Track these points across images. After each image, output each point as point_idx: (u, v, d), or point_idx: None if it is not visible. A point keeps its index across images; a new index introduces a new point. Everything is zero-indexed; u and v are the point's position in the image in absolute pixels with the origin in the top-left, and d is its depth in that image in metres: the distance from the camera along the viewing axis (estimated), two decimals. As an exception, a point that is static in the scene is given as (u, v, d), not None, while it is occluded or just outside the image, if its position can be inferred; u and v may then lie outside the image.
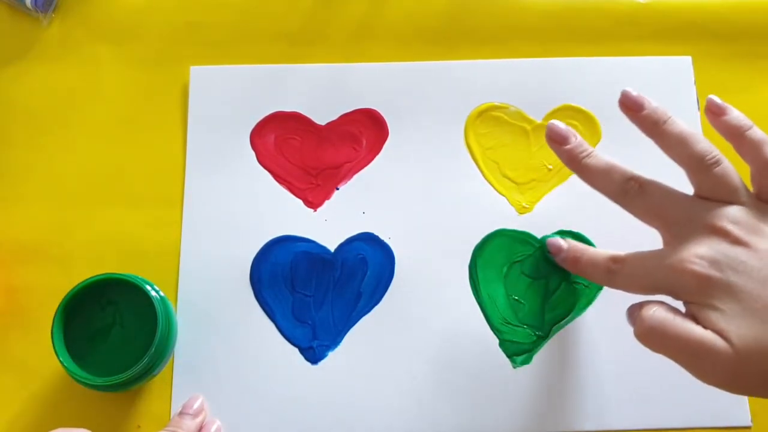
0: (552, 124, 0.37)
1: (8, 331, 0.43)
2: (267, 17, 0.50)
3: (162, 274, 0.44)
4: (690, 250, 0.32)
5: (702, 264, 0.32)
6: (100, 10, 0.50)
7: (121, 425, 0.42)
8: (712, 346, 0.30)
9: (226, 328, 0.43)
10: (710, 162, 0.34)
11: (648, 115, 0.36)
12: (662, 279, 0.33)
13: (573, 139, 0.37)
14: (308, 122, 0.47)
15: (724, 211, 0.33)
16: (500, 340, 0.43)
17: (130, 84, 0.48)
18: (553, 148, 0.37)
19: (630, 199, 0.35)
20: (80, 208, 0.46)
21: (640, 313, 0.33)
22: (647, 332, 0.32)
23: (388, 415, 0.42)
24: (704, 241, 0.33)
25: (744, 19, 0.49)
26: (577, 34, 0.49)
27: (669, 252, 0.33)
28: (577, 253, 0.39)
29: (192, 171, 0.46)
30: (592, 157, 0.36)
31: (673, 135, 0.35)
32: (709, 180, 0.34)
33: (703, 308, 0.32)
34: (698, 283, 0.32)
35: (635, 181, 0.35)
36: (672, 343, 0.32)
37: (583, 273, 0.39)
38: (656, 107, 0.36)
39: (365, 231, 0.45)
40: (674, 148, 0.35)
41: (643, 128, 0.36)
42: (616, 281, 0.36)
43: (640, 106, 0.36)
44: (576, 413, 0.41)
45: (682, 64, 0.48)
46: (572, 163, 0.37)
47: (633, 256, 0.35)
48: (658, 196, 0.35)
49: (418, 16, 0.50)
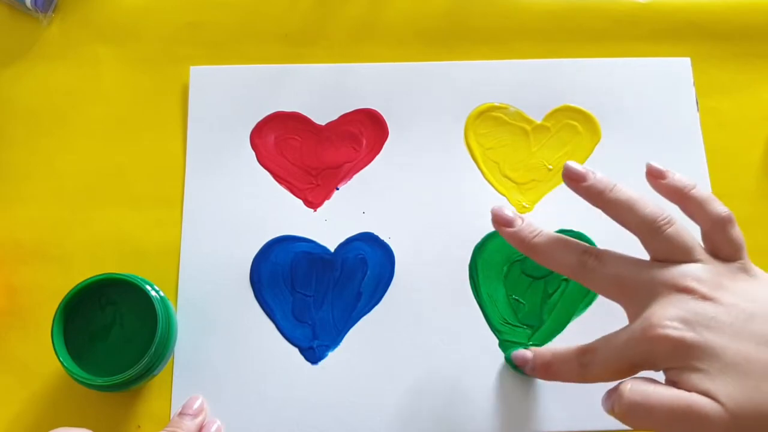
0: (496, 209, 0.36)
1: (8, 331, 0.43)
2: (267, 17, 0.50)
3: (162, 274, 0.44)
4: (658, 315, 0.31)
5: (674, 326, 0.30)
6: (100, 10, 0.50)
7: (121, 425, 0.42)
8: (702, 408, 0.29)
9: (226, 328, 0.43)
10: (662, 223, 0.33)
11: (591, 186, 0.35)
12: (637, 353, 0.31)
13: (519, 222, 0.36)
14: (308, 122, 0.47)
15: (685, 269, 0.32)
16: (500, 340, 0.43)
17: (130, 84, 0.48)
18: (499, 232, 0.36)
19: (588, 272, 0.34)
20: (80, 208, 0.46)
21: (617, 392, 0.31)
22: (630, 409, 0.30)
23: (388, 415, 0.42)
24: (670, 302, 0.31)
25: (743, 19, 0.49)
26: (577, 35, 0.49)
27: (637, 324, 0.32)
28: (546, 358, 0.36)
29: (192, 171, 0.46)
30: (540, 236, 0.35)
31: (620, 202, 0.34)
32: (663, 242, 0.33)
33: (683, 372, 0.30)
34: (674, 347, 0.30)
35: (591, 252, 0.34)
36: (659, 415, 0.30)
37: (557, 376, 0.36)
38: (600, 177, 0.35)
39: (365, 231, 0.45)
40: (623, 215, 0.34)
41: (589, 198, 0.35)
42: (592, 373, 0.33)
43: (582, 177, 0.35)
44: (576, 413, 0.41)
45: (681, 65, 0.48)
46: (521, 246, 0.35)
47: (601, 341, 0.33)
48: (615, 264, 0.34)
49: (418, 16, 0.50)
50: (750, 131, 0.47)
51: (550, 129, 0.47)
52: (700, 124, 0.47)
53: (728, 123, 0.47)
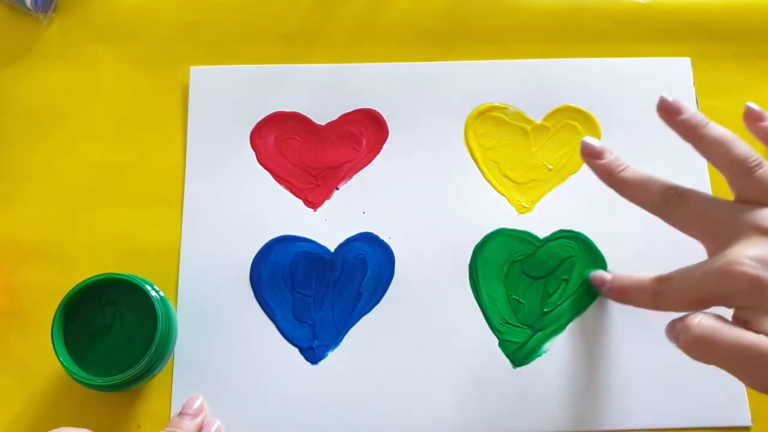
0: (586, 141, 0.37)
1: (8, 331, 0.43)
2: (267, 17, 0.50)
3: (162, 274, 0.44)
4: (739, 252, 0.31)
5: (753, 265, 0.30)
6: (100, 10, 0.50)
7: (121, 425, 0.42)
8: (766, 350, 0.29)
9: (226, 328, 0.43)
10: (752, 165, 0.33)
11: (686, 120, 0.35)
12: (712, 287, 0.32)
13: (608, 155, 0.36)
14: (308, 122, 0.47)
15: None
16: (500, 340, 0.43)
17: (130, 84, 0.48)
18: (589, 164, 0.37)
19: (671, 210, 0.34)
20: (80, 208, 0.46)
21: (685, 323, 0.31)
22: (695, 342, 0.31)
23: (388, 415, 0.42)
24: (752, 242, 0.32)
25: (743, 19, 0.49)
26: (577, 35, 0.49)
27: (716, 259, 0.32)
28: (622, 283, 0.38)
29: (192, 171, 0.46)
30: (628, 170, 0.35)
31: (712, 139, 0.34)
32: (752, 183, 0.33)
33: (756, 312, 0.30)
34: (750, 285, 0.30)
35: (675, 191, 0.34)
36: (723, 351, 0.30)
37: (630, 301, 0.38)
38: (694, 112, 0.35)
39: (365, 231, 0.45)
40: (714, 153, 0.34)
41: (682, 133, 0.35)
42: (665, 301, 0.34)
43: (677, 111, 0.35)
44: (575, 413, 0.41)
45: (682, 65, 0.48)
46: (609, 178, 0.36)
47: (678, 272, 0.34)
48: (699, 203, 0.34)
49: (418, 16, 0.50)
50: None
51: (550, 129, 0.47)
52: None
53: (728, 123, 0.47)
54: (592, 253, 0.44)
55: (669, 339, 0.33)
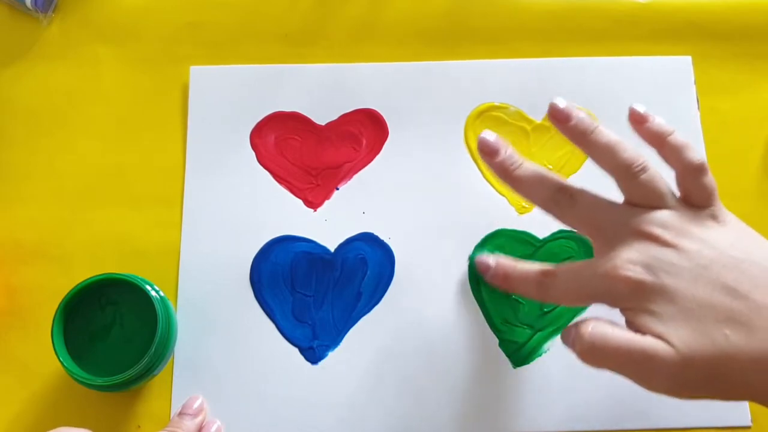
0: (482, 137, 0.37)
1: (8, 331, 0.43)
2: (267, 17, 0.50)
3: (162, 274, 0.44)
4: (622, 256, 0.32)
5: (634, 269, 0.32)
6: (100, 10, 0.50)
7: (121, 425, 0.42)
8: (655, 350, 0.30)
9: (226, 328, 0.43)
10: (637, 169, 0.34)
11: (575, 126, 0.35)
12: (596, 287, 0.33)
13: (503, 152, 0.36)
14: (308, 122, 0.47)
15: (652, 216, 0.33)
16: (500, 340, 0.43)
17: (130, 84, 0.48)
18: (485, 161, 0.37)
19: (561, 209, 0.35)
20: (80, 208, 0.46)
21: (577, 331, 0.32)
22: (589, 349, 0.32)
23: (387, 415, 0.42)
24: (635, 246, 0.33)
25: (744, 19, 0.49)
26: (577, 34, 0.49)
27: (601, 260, 0.33)
28: (507, 269, 0.37)
29: (192, 171, 0.46)
30: (522, 168, 0.36)
31: (600, 144, 0.35)
32: (637, 187, 0.34)
33: (639, 313, 0.32)
34: (632, 288, 0.32)
35: (566, 191, 0.35)
36: (615, 355, 0.31)
37: (515, 289, 0.38)
38: (583, 117, 0.35)
39: (365, 231, 0.45)
40: (602, 157, 0.35)
41: (572, 138, 0.36)
42: (549, 294, 0.35)
43: (567, 117, 0.36)
44: (575, 413, 0.41)
45: (682, 64, 0.48)
46: (503, 176, 0.36)
47: (565, 268, 0.35)
48: (588, 204, 0.35)
49: (418, 16, 0.50)
50: (750, 131, 0.47)
51: (550, 129, 0.47)
52: (700, 123, 0.47)
53: (728, 123, 0.47)
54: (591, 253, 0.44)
55: (565, 345, 0.34)
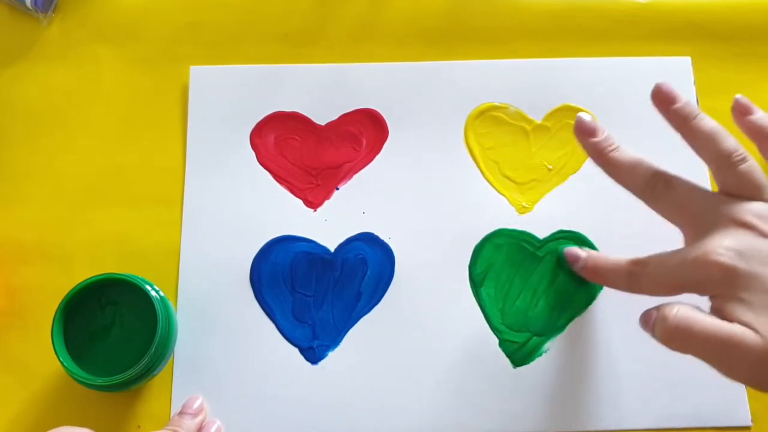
0: (580, 117, 0.37)
1: (8, 331, 0.43)
2: (267, 17, 0.50)
3: (162, 274, 0.44)
4: (715, 242, 0.32)
5: (728, 255, 0.31)
6: (100, 10, 0.50)
7: (121, 425, 0.42)
8: (741, 339, 0.30)
9: (226, 328, 0.43)
10: (737, 159, 0.34)
11: (679, 110, 0.35)
12: (687, 274, 0.33)
13: (600, 133, 0.36)
14: (308, 122, 0.47)
15: (749, 206, 0.33)
16: (500, 340, 0.43)
17: (130, 84, 0.48)
18: (580, 141, 0.37)
19: (656, 195, 0.35)
20: (80, 208, 0.46)
21: (661, 313, 0.32)
22: (672, 332, 0.31)
23: (388, 415, 0.42)
24: (729, 233, 0.32)
25: (743, 19, 0.49)
26: (577, 34, 0.49)
27: (693, 247, 0.33)
28: (598, 261, 0.38)
29: (192, 171, 0.46)
30: (619, 151, 0.36)
31: (702, 131, 0.35)
32: (735, 177, 0.34)
33: (729, 301, 0.31)
34: (724, 274, 0.31)
35: (661, 177, 0.35)
36: (699, 341, 0.31)
37: (604, 281, 0.38)
38: (687, 102, 0.36)
39: (365, 231, 0.45)
40: (702, 144, 0.35)
41: (673, 122, 0.36)
42: (639, 284, 0.35)
43: (672, 100, 0.36)
44: (575, 413, 0.41)
45: (682, 64, 0.48)
46: (598, 157, 0.36)
47: (655, 257, 0.35)
48: (684, 191, 0.35)
49: (418, 16, 0.50)
50: (750, 131, 0.47)
51: (550, 129, 0.47)
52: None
53: (728, 123, 0.47)
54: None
55: (644, 329, 0.33)
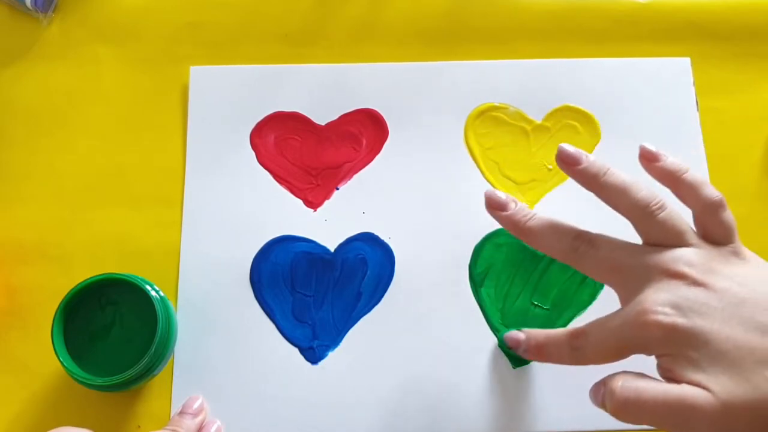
0: (489, 193, 0.36)
1: (8, 331, 0.43)
2: (267, 17, 0.50)
3: (162, 274, 0.44)
4: (650, 300, 0.31)
5: (665, 312, 0.30)
6: (100, 10, 0.50)
7: (121, 425, 0.42)
8: (693, 401, 0.29)
9: (226, 328, 0.43)
10: (655, 207, 0.33)
11: (585, 169, 0.34)
12: (629, 338, 0.31)
13: (512, 205, 0.35)
14: (308, 122, 0.47)
15: (676, 254, 0.32)
16: (500, 340, 0.43)
17: (130, 84, 0.48)
18: (493, 216, 0.36)
19: (580, 258, 0.34)
20: (80, 208, 0.46)
21: (608, 388, 0.31)
22: (622, 406, 0.30)
23: (388, 415, 0.42)
24: (662, 287, 0.31)
25: (743, 19, 0.49)
26: (577, 35, 0.49)
27: (629, 307, 0.32)
28: (538, 340, 0.36)
29: (192, 171, 0.46)
30: (534, 219, 0.35)
31: (614, 186, 0.34)
32: (656, 226, 0.33)
33: (676, 360, 0.30)
34: (665, 333, 0.30)
35: (584, 238, 0.34)
36: (652, 409, 0.30)
37: (549, 359, 0.36)
38: (594, 160, 0.34)
39: (365, 231, 0.45)
40: (616, 199, 0.34)
41: (582, 182, 0.35)
42: (585, 355, 0.33)
43: (576, 161, 0.34)
44: (575, 413, 0.41)
45: (681, 65, 0.48)
46: (515, 230, 0.35)
47: (593, 325, 0.33)
48: (608, 249, 0.33)
49: (418, 16, 0.50)
50: (750, 131, 0.47)
51: (550, 129, 0.47)
52: (700, 124, 0.47)
53: (728, 123, 0.47)
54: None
55: (594, 404, 0.32)
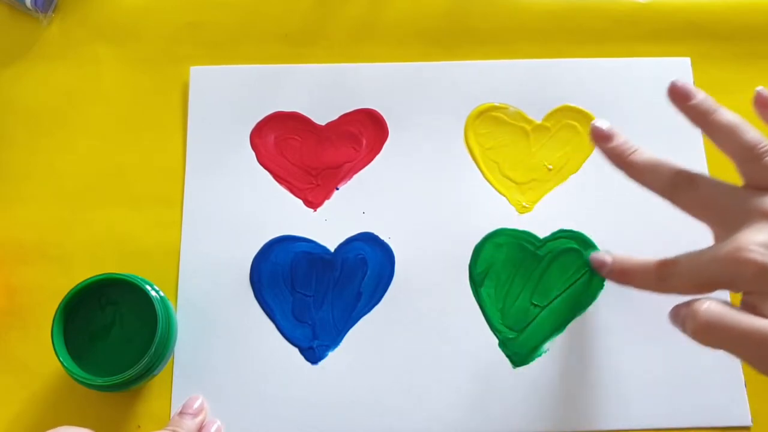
0: (595, 124, 0.37)
1: (8, 331, 0.43)
2: (267, 17, 0.50)
3: (162, 274, 0.44)
4: (747, 238, 0.31)
5: (760, 251, 0.31)
6: (100, 10, 0.50)
7: (121, 425, 0.42)
8: None
9: (226, 328, 0.43)
10: (761, 151, 0.33)
11: (697, 105, 0.35)
12: (719, 272, 0.32)
13: (618, 138, 0.36)
14: (308, 122, 0.47)
15: None
16: (500, 340, 0.43)
17: (130, 84, 0.48)
18: (599, 147, 0.37)
19: (680, 193, 0.34)
20: (80, 208, 0.46)
21: (692, 309, 0.31)
22: (705, 328, 0.31)
23: (388, 415, 0.42)
24: (761, 229, 0.31)
25: (743, 19, 0.49)
26: (577, 35, 0.49)
27: (723, 244, 0.32)
28: (625, 264, 0.37)
29: (192, 171, 0.46)
30: (638, 153, 0.35)
31: (722, 125, 0.34)
32: (761, 169, 0.33)
33: (762, 297, 0.31)
34: (757, 271, 0.30)
35: (684, 176, 0.34)
36: (731, 336, 0.30)
37: (633, 283, 0.37)
38: (704, 98, 0.35)
39: (365, 231, 0.45)
40: (723, 139, 0.34)
41: (692, 118, 0.35)
42: (670, 284, 0.34)
43: (688, 96, 0.35)
44: (575, 413, 0.41)
45: (681, 65, 0.48)
46: (619, 161, 0.36)
47: (684, 256, 0.34)
48: (708, 187, 0.34)
49: (418, 16, 0.50)
50: (750, 131, 0.47)
51: (550, 129, 0.47)
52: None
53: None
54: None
55: (674, 324, 0.33)
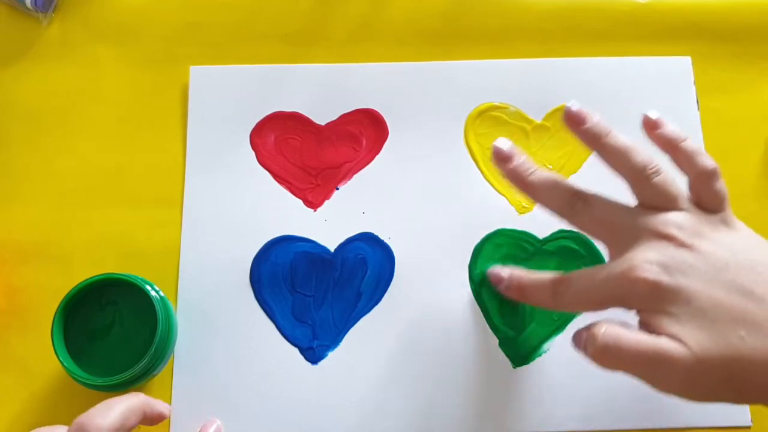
0: (496, 145, 0.37)
1: (8, 331, 0.43)
2: (267, 17, 0.50)
3: (162, 274, 0.44)
4: (639, 257, 0.32)
5: (652, 269, 0.32)
6: (100, 10, 0.50)
7: (121, 425, 0.42)
8: (669, 351, 0.30)
9: (226, 328, 0.43)
10: (651, 171, 0.34)
11: (589, 129, 0.36)
12: (612, 290, 0.33)
13: (517, 158, 0.36)
14: (308, 122, 0.47)
15: (667, 218, 0.34)
16: (500, 340, 0.43)
17: (130, 84, 0.48)
18: (498, 168, 0.37)
19: (576, 213, 0.35)
20: (80, 208, 0.46)
21: (590, 333, 0.32)
22: (602, 351, 0.32)
23: (388, 415, 0.42)
24: (651, 246, 0.33)
25: (744, 19, 0.49)
26: (577, 34, 0.49)
27: (617, 263, 0.33)
28: (522, 280, 0.37)
29: (192, 171, 0.46)
30: (536, 174, 0.36)
31: (614, 148, 0.35)
32: (650, 189, 0.34)
33: (655, 314, 0.32)
34: (650, 289, 0.32)
35: (580, 195, 0.35)
36: (629, 357, 0.31)
37: (529, 299, 0.37)
38: (598, 121, 0.36)
39: (365, 231, 0.45)
40: (615, 160, 0.35)
41: (586, 141, 0.36)
42: (564, 301, 0.35)
43: (582, 121, 0.36)
44: (575, 413, 0.41)
45: (682, 64, 0.48)
46: (518, 182, 0.36)
47: (578, 274, 0.35)
48: (602, 207, 0.35)
49: (418, 16, 0.50)
50: (750, 131, 0.47)
51: (550, 129, 0.47)
52: (700, 123, 0.47)
53: (728, 123, 0.47)
54: (591, 253, 0.44)
55: (576, 349, 0.34)
